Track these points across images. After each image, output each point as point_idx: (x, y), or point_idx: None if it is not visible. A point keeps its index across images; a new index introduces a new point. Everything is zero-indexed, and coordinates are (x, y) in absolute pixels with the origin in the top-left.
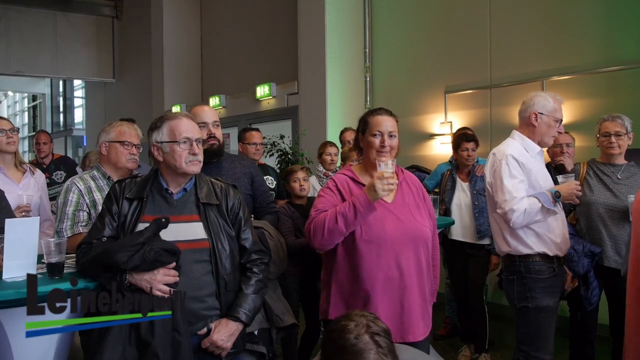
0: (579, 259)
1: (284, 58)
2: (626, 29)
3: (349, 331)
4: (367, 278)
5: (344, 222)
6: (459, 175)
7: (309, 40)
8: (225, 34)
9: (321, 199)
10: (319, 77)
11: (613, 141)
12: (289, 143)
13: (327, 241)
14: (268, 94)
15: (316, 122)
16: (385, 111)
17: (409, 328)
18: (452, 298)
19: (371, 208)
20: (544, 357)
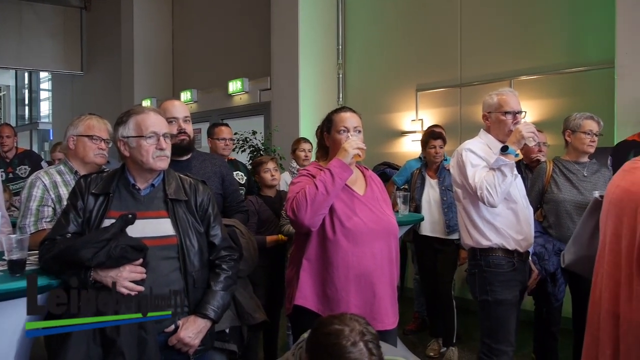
0: (549, 257)
1: (256, 53)
2: (590, 32)
3: (344, 337)
4: (342, 265)
5: (324, 186)
6: (427, 172)
7: (282, 36)
8: (198, 28)
9: (297, 184)
10: (292, 73)
11: (594, 140)
12: (261, 139)
13: (313, 213)
14: (240, 90)
15: (289, 118)
16: (348, 109)
17: (379, 317)
18: (421, 293)
19: (346, 168)
20: (505, 349)
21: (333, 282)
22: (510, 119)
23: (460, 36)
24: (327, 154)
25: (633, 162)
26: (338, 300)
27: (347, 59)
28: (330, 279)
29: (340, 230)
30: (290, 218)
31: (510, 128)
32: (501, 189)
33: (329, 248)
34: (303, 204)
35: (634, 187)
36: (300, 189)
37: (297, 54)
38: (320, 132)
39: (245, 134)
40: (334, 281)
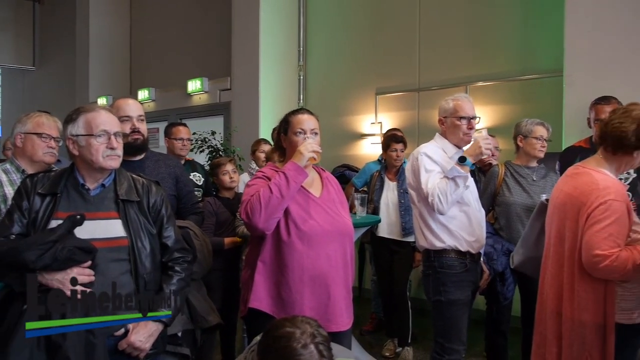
0: (498, 257)
1: (216, 53)
2: (541, 42)
3: (295, 340)
4: (297, 268)
5: (278, 190)
6: (387, 175)
7: (243, 36)
8: (157, 26)
9: (252, 186)
10: (252, 73)
11: (545, 145)
12: (221, 140)
13: (268, 217)
14: (200, 89)
15: (249, 119)
16: (306, 110)
17: (333, 318)
18: (378, 294)
19: (301, 171)
20: (457, 348)
21: (287, 285)
22: (465, 124)
23: (419, 42)
24: (283, 155)
25: (575, 167)
26: (292, 303)
27: (308, 61)
28: (284, 281)
29: (295, 232)
30: (244, 221)
31: (465, 132)
32: (452, 198)
33: (284, 250)
34: (257, 208)
35: (575, 191)
36: (255, 192)
37: (258, 54)
38: (277, 134)
39: (204, 134)
40: (288, 284)
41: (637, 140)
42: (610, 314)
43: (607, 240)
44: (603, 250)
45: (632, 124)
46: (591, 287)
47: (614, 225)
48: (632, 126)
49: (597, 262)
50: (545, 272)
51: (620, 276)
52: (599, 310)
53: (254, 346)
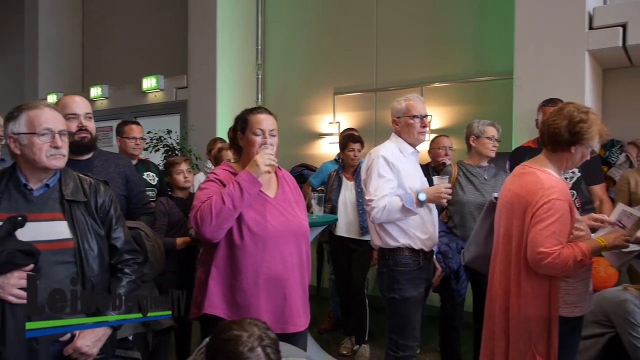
0: (453, 255)
1: (173, 50)
2: (494, 45)
3: (242, 343)
4: (251, 272)
5: (231, 201)
6: (345, 175)
7: (199, 33)
8: (111, 21)
9: (204, 190)
10: (210, 71)
11: (496, 145)
12: (177, 138)
13: (217, 227)
14: (155, 87)
15: (206, 117)
16: (265, 110)
17: (290, 319)
18: (336, 292)
19: (255, 183)
20: (411, 344)
21: (242, 289)
22: (418, 123)
23: (376, 43)
24: (238, 153)
25: (522, 167)
26: (248, 307)
27: (266, 59)
28: (239, 285)
29: (249, 236)
30: (193, 227)
31: (419, 131)
32: (392, 218)
33: (237, 254)
34: (207, 217)
35: (522, 191)
36: (207, 197)
37: (215, 52)
38: (233, 132)
39: (160, 133)
40: (243, 288)
41: (570, 135)
42: (555, 308)
43: (550, 238)
44: (546, 248)
45: (564, 120)
46: (537, 282)
47: (557, 224)
48: (564, 122)
49: (541, 259)
50: (494, 269)
51: (562, 272)
52: (544, 305)
53: (203, 348)
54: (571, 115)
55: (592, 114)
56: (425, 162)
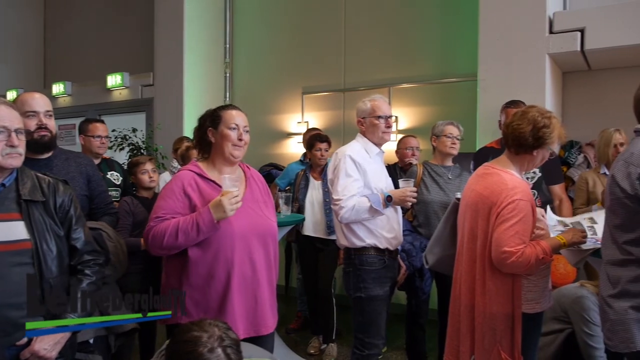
0: (417, 254)
1: (139, 47)
2: (459, 47)
3: (201, 344)
4: (222, 276)
5: (185, 239)
6: (312, 174)
7: (166, 30)
8: (75, 15)
9: (163, 202)
10: (176, 69)
11: (455, 143)
12: (142, 137)
13: (166, 252)
14: (120, 84)
15: (172, 116)
16: (236, 107)
17: (262, 322)
18: (304, 292)
19: (215, 228)
20: (376, 342)
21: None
22: (383, 123)
23: (344, 44)
24: (206, 149)
25: (485, 167)
26: (224, 312)
27: (234, 58)
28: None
29: (217, 239)
30: (143, 243)
31: (384, 131)
32: (361, 218)
33: (207, 259)
34: (158, 243)
35: (486, 191)
36: (163, 215)
37: (182, 50)
38: (200, 128)
39: (125, 132)
40: (216, 292)
41: (534, 140)
42: (518, 305)
43: (514, 237)
44: (510, 247)
45: (528, 125)
46: (500, 281)
47: (520, 224)
48: (529, 127)
49: (505, 258)
50: (459, 269)
51: (526, 270)
52: (507, 302)
53: (163, 351)
54: (535, 120)
55: (554, 119)
56: (392, 162)
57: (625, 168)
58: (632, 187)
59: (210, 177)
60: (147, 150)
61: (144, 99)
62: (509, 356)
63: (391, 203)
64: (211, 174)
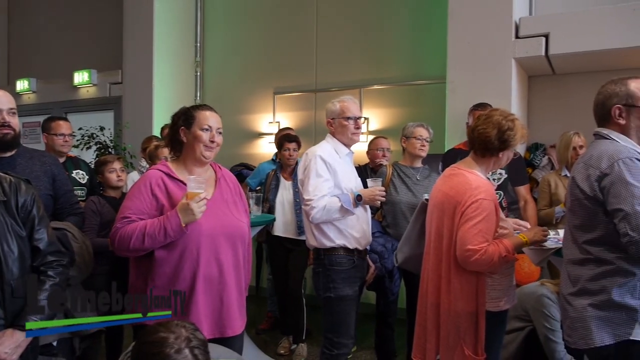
0: (388, 256)
1: (107, 44)
2: (429, 50)
3: (168, 345)
4: (188, 277)
5: (152, 242)
6: (282, 174)
7: (135, 27)
8: (41, 10)
9: (130, 202)
10: (146, 67)
11: (425, 145)
12: (110, 136)
13: (133, 254)
14: (87, 81)
15: (141, 114)
16: (211, 108)
17: (228, 323)
18: (274, 292)
19: (183, 232)
20: (346, 342)
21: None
22: (352, 124)
23: (316, 44)
24: (177, 148)
25: (451, 169)
26: (188, 313)
27: (205, 57)
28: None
29: (183, 241)
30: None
31: (353, 132)
32: (331, 218)
33: (172, 260)
34: (124, 246)
35: (452, 191)
36: (130, 215)
37: (151, 47)
38: (171, 128)
39: (92, 130)
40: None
41: (500, 143)
42: (482, 303)
43: (478, 236)
44: (474, 245)
45: (494, 129)
46: (465, 279)
47: (484, 222)
48: (494, 131)
49: (469, 256)
50: (426, 267)
51: (489, 268)
52: (471, 300)
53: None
54: (500, 123)
55: (516, 120)
56: (363, 162)
57: (585, 170)
58: (591, 188)
59: (179, 177)
60: (115, 149)
61: (112, 97)
62: (472, 353)
63: (361, 202)
64: (180, 174)
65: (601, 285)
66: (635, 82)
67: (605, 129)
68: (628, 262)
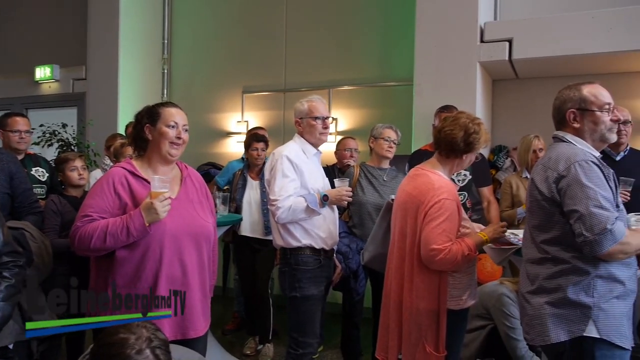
0: (353, 256)
1: (70, 38)
2: (397, 53)
3: (129, 346)
4: (150, 277)
5: (114, 242)
6: (249, 174)
7: (100, 21)
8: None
9: (92, 200)
10: (111, 63)
11: (392, 146)
12: (73, 133)
13: (94, 254)
14: (49, 77)
15: (106, 111)
16: (176, 105)
17: (190, 325)
18: (241, 293)
19: (146, 232)
20: (311, 341)
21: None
22: (320, 124)
23: (285, 44)
24: (142, 146)
25: (415, 169)
26: None
27: (173, 54)
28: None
29: (146, 241)
30: (70, 244)
31: (321, 132)
32: (297, 218)
33: (133, 260)
34: (85, 246)
35: (415, 191)
36: (91, 213)
37: (117, 43)
38: (135, 126)
39: (54, 127)
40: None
41: (465, 145)
42: (443, 301)
43: (442, 235)
44: (438, 245)
45: (460, 131)
46: (427, 277)
47: (447, 222)
48: (460, 133)
49: (434, 255)
50: (390, 267)
51: (453, 267)
52: (434, 298)
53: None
54: (466, 126)
55: (482, 125)
56: (331, 162)
57: (544, 172)
58: (549, 190)
59: (143, 176)
60: (78, 146)
61: (75, 93)
62: (433, 350)
63: (327, 202)
64: (145, 172)
65: (557, 284)
66: (588, 87)
67: (562, 132)
68: (583, 262)
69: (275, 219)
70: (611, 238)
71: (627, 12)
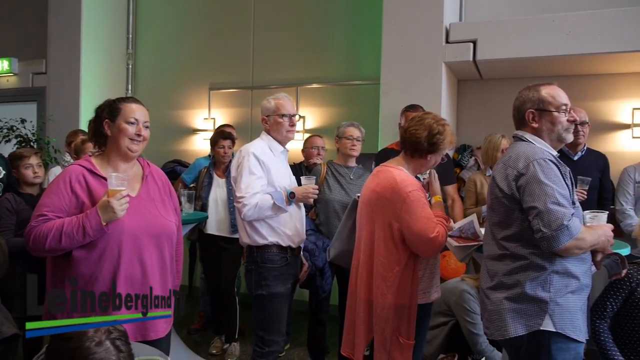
0: (319, 253)
1: (29, 30)
2: (365, 52)
3: (88, 339)
4: (107, 278)
5: (70, 242)
6: (215, 172)
7: (61, 14)
8: None
9: (47, 199)
10: (73, 57)
11: (355, 144)
12: (32, 129)
13: (50, 255)
14: (8, 70)
15: (67, 107)
16: (137, 100)
17: (151, 326)
18: (207, 292)
19: (103, 232)
20: (277, 339)
21: None
22: (287, 121)
23: (253, 41)
24: (102, 142)
25: (380, 166)
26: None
27: (137, 49)
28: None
29: (103, 240)
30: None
31: (288, 129)
32: (264, 216)
33: (91, 260)
34: (40, 246)
35: (378, 187)
36: (47, 213)
37: (79, 36)
38: (95, 122)
39: (12, 122)
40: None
41: (429, 145)
42: (414, 295)
43: (429, 223)
44: (433, 233)
45: (424, 131)
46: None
47: (424, 209)
48: (424, 133)
49: (434, 243)
50: (356, 264)
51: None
52: (405, 293)
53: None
54: (431, 127)
55: (447, 126)
56: (298, 160)
57: (504, 170)
58: (509, 187)
59: (102, 174)
60: (38, 143)
61: (34, 87)
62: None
63: (294, 200)
64: (103, 170)
65: (516, 280)
66: (546, 88)
67: (522, 131)
68: (540, 257)
69: (242, 217)
70: (567, 234)
71: (585, 16)
